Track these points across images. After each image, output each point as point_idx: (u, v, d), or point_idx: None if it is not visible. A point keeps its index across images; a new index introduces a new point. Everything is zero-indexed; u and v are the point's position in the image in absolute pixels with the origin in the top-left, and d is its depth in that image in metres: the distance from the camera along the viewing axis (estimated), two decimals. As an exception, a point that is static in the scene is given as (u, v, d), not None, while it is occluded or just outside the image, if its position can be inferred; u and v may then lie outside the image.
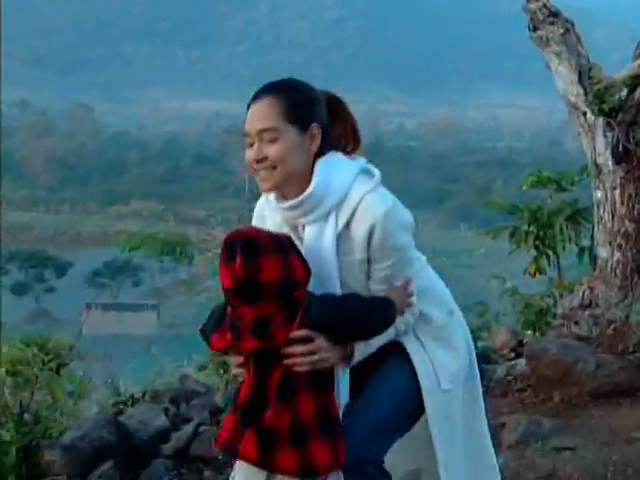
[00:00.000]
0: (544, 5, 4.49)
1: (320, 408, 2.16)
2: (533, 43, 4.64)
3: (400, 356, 2.40)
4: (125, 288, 51.49)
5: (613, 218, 4.60)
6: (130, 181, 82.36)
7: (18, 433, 4.24)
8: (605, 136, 4.52)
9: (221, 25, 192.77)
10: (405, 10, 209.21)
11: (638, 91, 4.56)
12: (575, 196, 5.66)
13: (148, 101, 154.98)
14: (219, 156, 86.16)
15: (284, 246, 2.17)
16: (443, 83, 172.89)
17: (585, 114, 4.58)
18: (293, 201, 2.32)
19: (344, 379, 2.31)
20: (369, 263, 2.31)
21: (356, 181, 2.31)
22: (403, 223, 2.32)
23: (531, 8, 4.53)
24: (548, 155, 76.20)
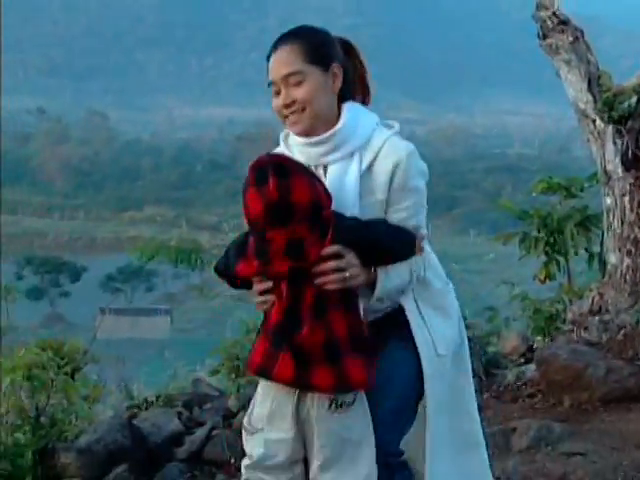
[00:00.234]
0: (554, 13, 4.51)
1: (351, 327, 2.20)
2: (542, 51, 4.67)
3: (400, 333, 2.42)
4: (139, 293, 51.69)
5: (623, 224, 4.61)
6: (144, 187, 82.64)
7: (34, 436, 4.30)
8: (615, 143, 4.54)
9: (233, 33, 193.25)
10: (417, 18, 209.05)
11: (647, 99, 4.59)
12: (585, 202, 5.67)
13: (162, 108, 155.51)
14: (231, 162, 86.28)
15: (310, 171, 2.27)
16: (453, 90, 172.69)
17: (595, 121, 4.61)
18: (322, 136, 2.38)
19: None
20: (387, 205, 2.37)
21: (378, 128, 2.41)
22: (422, 169, 2.41)
23: (541, 16, 4.56)
24: (557, 162, 76.02)
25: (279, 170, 2.17)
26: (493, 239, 6.14)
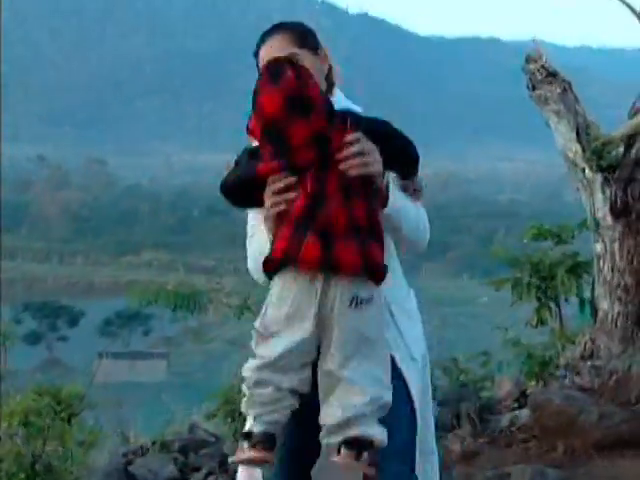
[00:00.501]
0: (542, 66, 4.62)
1: (370, 215, 2.24)
2: (532, 101, 4.77)
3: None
4: (136, 336, 51.53)
5: (613, 271, 4.66)
6: (142, 232, 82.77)
7: (30, 483, 4.31)
8: (603, 192, 4.61)
9: (231, 81, 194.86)
10: (409, 69, 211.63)
11: (635, 148, 4.66)
12: (576, 248, 5.73)
13: (160, 154, 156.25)
14: (228, 208, 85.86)
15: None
16: (447, 137, 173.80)
17: (584, 170, 4.68)
18: None
19: None
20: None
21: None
22: None
23: (530, 68, 4.66)
24: (548, 207, 76.40)
25: (294, 65, 2.25)
26: (486, 284, 6.19)
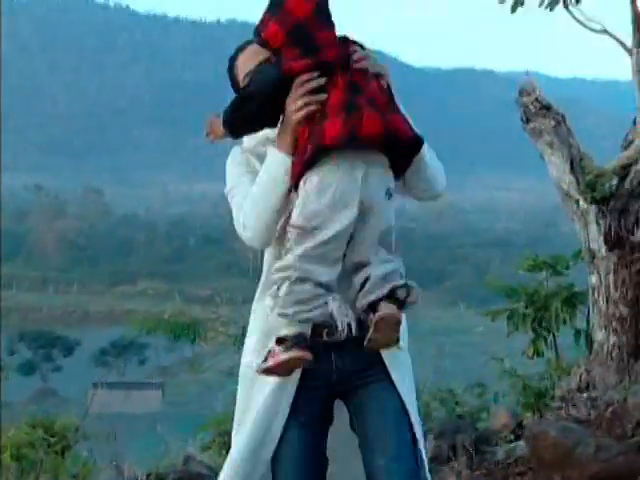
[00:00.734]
0: (536, 99, 4.66)
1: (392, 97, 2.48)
2: (526, 133, 4.81)
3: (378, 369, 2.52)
4: (131, 366, 51.32)
5: (608, 302, 4.67)
6: (137, 261, 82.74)
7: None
8: (598, 223, 4.64)
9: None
10: (405, 100, 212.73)
11: (628, 180, 4.69)
12: (571, 278, 5.75)
13: (157, 184, 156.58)
14: (225, 237, 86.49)
15: None
16: (443, 168, 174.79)
17: (578, 202, 4.71)
18: None
19: None
20: None
21: None
22: None
23: (524, 101, 4.70)
24: (544, 236, 76.76)
25: None
26: (482, 314, 6.19)
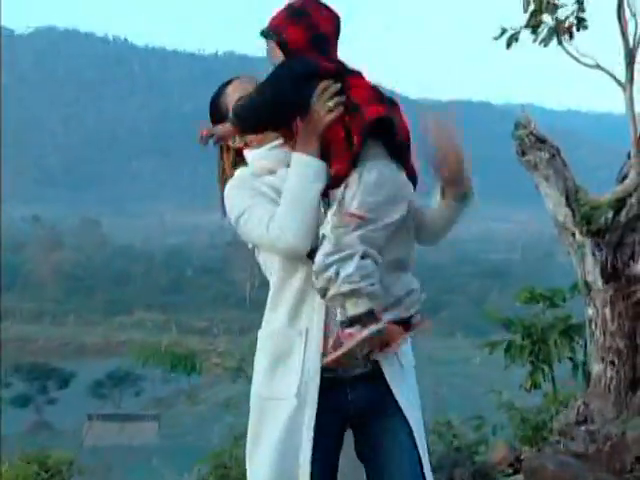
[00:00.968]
0: (531, 132, 4.70)
1: None
2: (522, 166, 4.85)
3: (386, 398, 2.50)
4: (127, 397, 50.97)
5: (605, 335, 4.67)
6: (134, 292, 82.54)
7: None
8: (594, 255, 4.65)
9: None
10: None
11: (623, 213, 4.72)
12: (568, 310, 5.75)
13: (154, 215, 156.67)
14: (222, 267, 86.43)
15: None
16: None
17: (574, 234, 4.73)
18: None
19: None
20: None
21: None
22: None
23: (519, 134, 4.74)
24: (541, 267, 76.83)
25: None
26: (480, 346, 6.18)
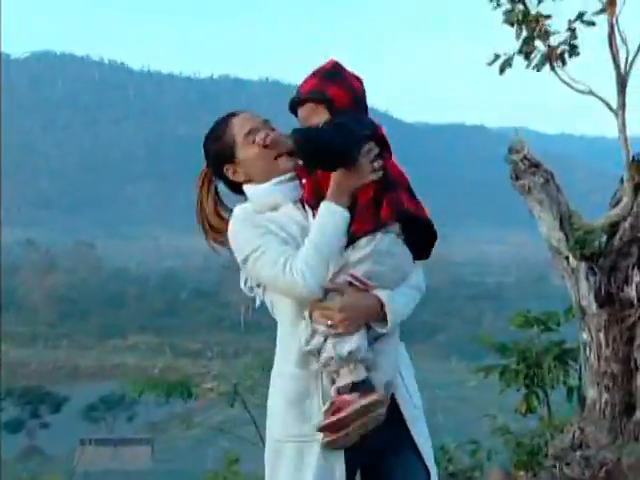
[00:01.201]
0: (525, 157, 4.71)
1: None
2: (516, 190, 4.86)
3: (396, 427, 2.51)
4: (120, 421, 50.67)
5: (599, 359, 4.66)
6: (128, 315, 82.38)
7: None
8: (588, 280, 4.65)
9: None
10: (397, 154, 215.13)
11: (617, 237, 4.73)
12: (563, 334, 5.75)
13: (149, 238, 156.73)
14: (216, 290, 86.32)
15: None
16: (434, 221, 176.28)
17: (568, 258, 4.73)
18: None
19: None
20: None
21: None
22: None
23: (513, 159, 4.75)
24: (536, 289, 77.05)
25: None
26: (474, 371, 6.16)
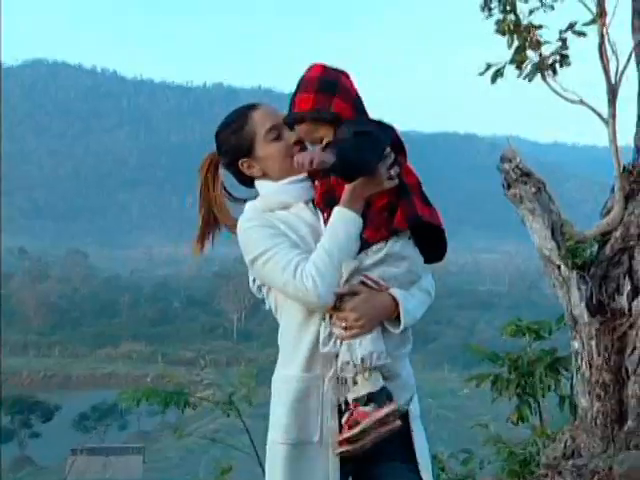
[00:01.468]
0: (516, 166, 4.72)
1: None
2: (508, 199, 4.87)
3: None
4: (112, 431, 50.45)
5: (591, 368, 4.67)
6: (120, 324, 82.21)
7: None
8: (579, 289, 4.66)
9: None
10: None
11: (608, 247, 4.75)
12: (555, 343, 5.76)
13: (141, 246, 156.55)
14: (209, 299, 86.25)
15: None
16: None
17: (559, 267, 4.74)
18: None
19: None
20: None
21: None
22: None
23: (505, 168, 4.76)
24: (528, 298, 77.34)
25: None
26: (466, 380, 6.17)
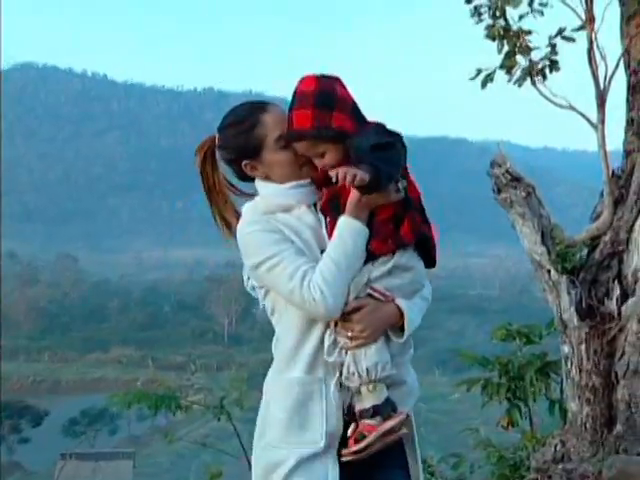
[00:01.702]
0: (507, 171, 4.73)
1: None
2: (498, 204, 4.88)
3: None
4: (102, 435, 50.33)
5: (581, 372, 4.67)
6: (110, 328, 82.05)
7: None
8: (569, 293, 4.67)
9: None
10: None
11: (597, 251, 4.76)
12: (545, 347, 5.77)
13: (131, 251, 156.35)
14: (199, 303, 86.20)
15: None
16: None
17: (549, 272, 4.74)
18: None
19: None
20: None
21: None
22: None
23: (495, 173, 4.77)
24: (518, 302, 77.65)
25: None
26: (457, 385, 6.17)
